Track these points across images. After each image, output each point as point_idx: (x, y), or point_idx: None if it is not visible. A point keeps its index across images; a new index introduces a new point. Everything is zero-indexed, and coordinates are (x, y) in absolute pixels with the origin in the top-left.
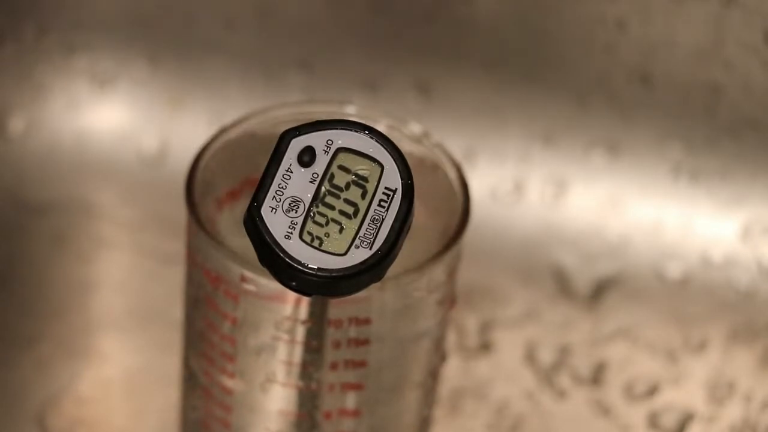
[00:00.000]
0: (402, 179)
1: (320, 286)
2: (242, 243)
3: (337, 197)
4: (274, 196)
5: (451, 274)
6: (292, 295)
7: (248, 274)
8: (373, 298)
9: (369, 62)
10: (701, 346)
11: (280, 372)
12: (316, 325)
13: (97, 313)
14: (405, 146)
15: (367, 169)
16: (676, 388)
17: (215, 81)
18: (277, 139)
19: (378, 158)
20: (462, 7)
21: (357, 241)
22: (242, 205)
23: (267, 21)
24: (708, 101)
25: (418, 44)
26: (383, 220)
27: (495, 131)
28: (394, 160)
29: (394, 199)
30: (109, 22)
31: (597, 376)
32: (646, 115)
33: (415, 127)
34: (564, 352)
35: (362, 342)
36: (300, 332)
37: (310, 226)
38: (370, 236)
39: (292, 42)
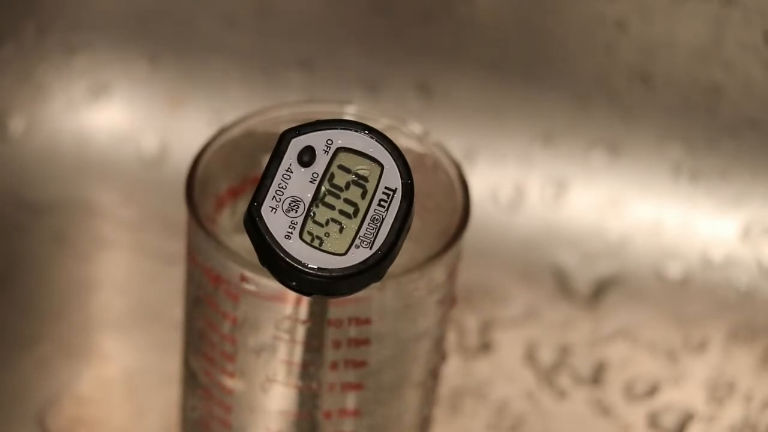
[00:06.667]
0: (402, 179)
1: (320, 286)
2: (242, 242)
3: (337, 197)
4: (274, 196)
5: (451, 274)
6: (292, 295)
7: (248, 273)
8: (373, 298)
9: (369, 62)
10: (701, 346)
11: (280, 372)
12: (316, 324)
13: (97, 313)
14: (404, 145)
15: (367, 169)
16: (676, 388)
17: (215, 81)
18: (277, 139)
19: (378, 158)
20: (462, 7)
21: (357, 241)
22: (242, 205)
23: (267, 20)
24: (708, 101)
25: (418, 44)
26: (383, 219)
27: (495, 131)
28: (394, 159)
29: (394, 198)
30: (109, 22)
31: (597, 376)
32: (646, 115)
33: (415, 127)
34: (564, 352)
35: (362, 342)
36: (300, 332)
37: (310, 226)
38: (370, 236)
39: (292, 42)
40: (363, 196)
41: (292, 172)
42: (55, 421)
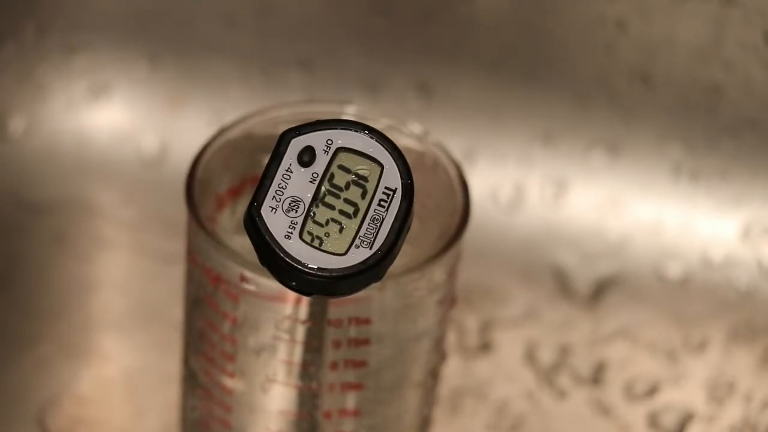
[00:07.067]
0: (402, 179)
1: (320, 286)
2: (242, 242)
3: (337, 197)
4: (274, 196)
5: (451, 274)
6: (292, 295)
7: (248, 273)
8: (373, 298)
9: (369, 62)
10: (701, 346)
11: (280, 372)
12: (316, 324)
13: (97, 313)
14: (404, 145)
15: (367, 169)
16: (676, 388)
17: (215, 81)
18: (277, 139)
19: (378, 158)
20: (462, 7)
21: (357, 241)
22: (242, 205)
23: (267, 20)
24: (708, 101)
25: (418, 44)
26: (383, 219)
27: (495, 131)
28: (394, 159)
29: (394, 198)
30: (109, 22)
31: (597, 376)
32: (646, 115)
33: (415, 127)
34: (564, 352)
35: (362, 342)
36: (300, 332)
37: (310, 226)
38: (370, 236)
39: (292, 42)
40: (363, 196)
41: (292, 172)
42: (55, 421)
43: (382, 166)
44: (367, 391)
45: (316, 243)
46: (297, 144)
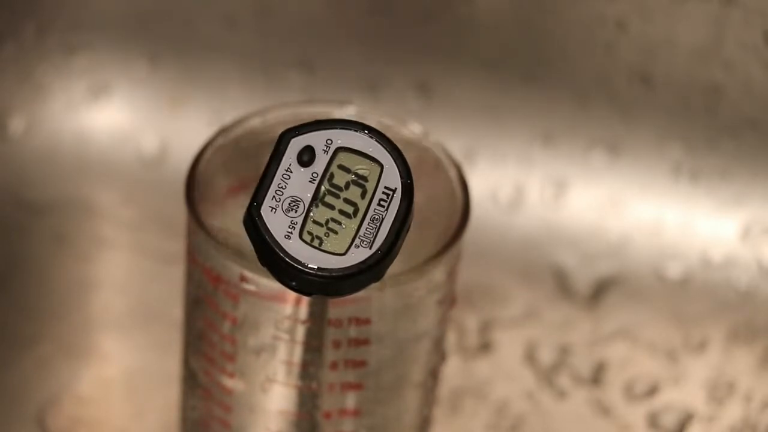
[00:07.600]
0: (402, 179)
1: (320, 286)
2: (242, 242)
3: (337, 197)
4: (273, 196)
5: (451, 274)
6: (292, 295)
7: (248, 273)
8: (373, 298)
9: (369, 62)
10: (701, 346)
11: (280, 372)
12: (316, 324)
13: (97, 313)
14: (404, 146)
15: (367, 169)
16: (676, 388)
17: (215, 81)
18: (277, 138)
19: (377, 158)
20: (462, 7)
21: (357, 241)
22: (242, 205)
23: (267, 21)
24: (708, 101)
25: (418, 44)
26: (383, 219)
27: (495, 131)
28: (394, 159)
29: (394, 198)
30: (109, 22)
31: (597, 376)
32: (646, 115)
33: (415, 127)
34: (564, 352)
35: (362, 342)
36: (300, 332)
37: (310, 226)
38: (370, 236)
39: (292, 42)
40: (363, 195)
41: (291, 171)
42: (55, 421)
43: (381, 166)
44: (367, 391)
45: (316, 243)
46: (297, 144)
